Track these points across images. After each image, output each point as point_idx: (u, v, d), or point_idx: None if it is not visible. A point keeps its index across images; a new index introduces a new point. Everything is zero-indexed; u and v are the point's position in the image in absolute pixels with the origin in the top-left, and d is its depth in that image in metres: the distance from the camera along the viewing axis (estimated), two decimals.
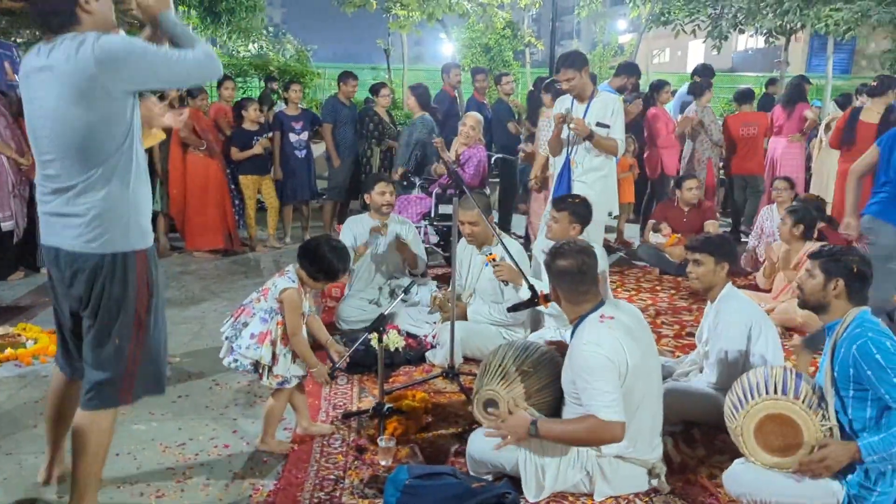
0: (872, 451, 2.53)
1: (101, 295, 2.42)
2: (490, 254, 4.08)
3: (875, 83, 6.92)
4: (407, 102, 7.89)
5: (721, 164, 8.44)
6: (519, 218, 8.27)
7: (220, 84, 7.81)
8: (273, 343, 3.12)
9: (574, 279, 2.84)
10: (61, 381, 2.77)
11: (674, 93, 8.64)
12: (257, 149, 7.07)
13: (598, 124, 5.12)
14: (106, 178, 2.35)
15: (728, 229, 8.19)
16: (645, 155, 7.91)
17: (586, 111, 5.17)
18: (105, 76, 2.25)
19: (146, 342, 2.53)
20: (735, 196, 8.12)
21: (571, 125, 5.04)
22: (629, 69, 7.46)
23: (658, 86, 7.85)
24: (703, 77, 8.39)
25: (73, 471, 2.54)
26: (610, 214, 5.55)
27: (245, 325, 3.16)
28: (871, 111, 6.67)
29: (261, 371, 3.15)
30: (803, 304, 2.89)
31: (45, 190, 2.43)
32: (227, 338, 3.19)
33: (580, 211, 4.36)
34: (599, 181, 5.26)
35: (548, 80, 7.17)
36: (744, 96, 8.07)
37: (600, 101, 5.22)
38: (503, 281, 4.16)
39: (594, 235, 5.06)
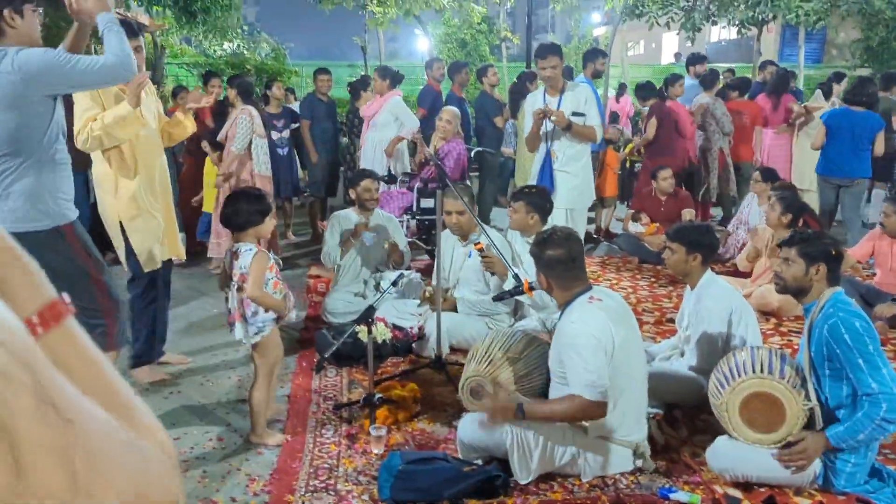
0: (840, 440, 2.66)
1: (45, 268, 2.61)
2: (478, 243, 4.16)
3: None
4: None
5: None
6: (499, 211, 8.36)
7: (206, 82, 7.81)
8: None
9: (565, 266, 2.93)
10: None
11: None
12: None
13: (574, 114, 5.23)
14: (28, 169, 2.72)
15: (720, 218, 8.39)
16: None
17: (559, 103, 5.28)
18: (24, 87, 2.62)
19: (110, 296, 2.93)
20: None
21: (552, 118, 5.13)
22: (593, 54, 7.56)
23: (672, 80, 7.86)
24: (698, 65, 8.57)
25: None
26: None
27: (255, 313, 3.20)
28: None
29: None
30: (784, 290, 2.97)
31: None
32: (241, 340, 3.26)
33: (536, 201, 4.50)
34: (581, 170, 5.40)
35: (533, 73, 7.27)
36: (739, 85, 8.23)
37: (572, 93, 5.33)
38: (492, 273, 4.26)
39: (579, 224, 5.21)
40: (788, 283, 2.92)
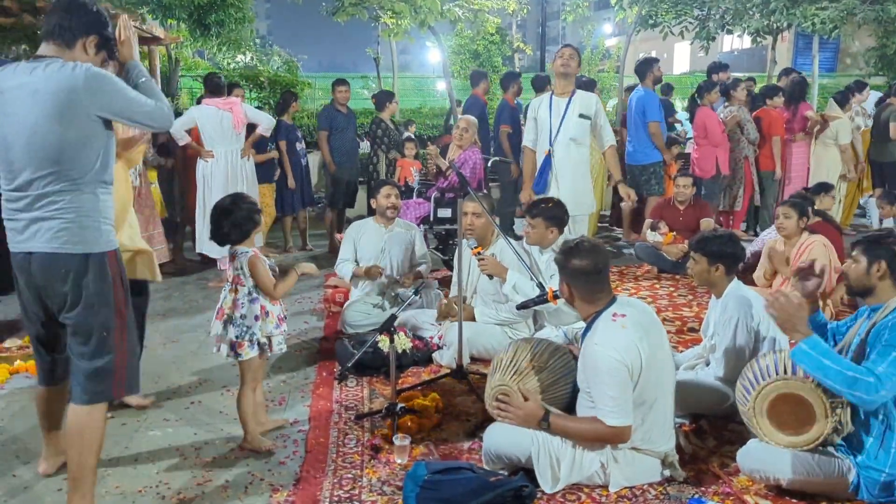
0: (812, 346, 2.64)
1: (83, 292, 2.61)
2: (475, 247, 4.16)
3: None
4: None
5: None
6: (520, 221, 8.32)
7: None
8: (267, 313, 3.28)
9: (590, 279, 2.89)
10: (42, 393, 2.99)
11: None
12: (273, 154, 7.21)
13: (581, 115, 5.36)
14: (80, 190, 2.57)
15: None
16: (695, 155, 7.91)
17: (568, 105, 5.38)
18: (88, 98, 2.50)
19: (128, 336, 2.73)
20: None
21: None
22: (648, 63, 7.56)
23: (707, 87, 7.91)
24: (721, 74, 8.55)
25: (69, 465, 2.70)
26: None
27: (243, 316, 3.24)
28: None
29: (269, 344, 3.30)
30: (850, 291, 2.96)
31: (17, 199, 2.58)
32: (220, 336, 3.33)
33: (553, 213, 4.48)
34: (582, 178, 5.50)
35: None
36: (770, 92, 8.21)
37: (580, 98, 5.44)
38: (488, 275, 4.25)
39: (580, 231, 5.22)
40: (852, 281, 2.88)
